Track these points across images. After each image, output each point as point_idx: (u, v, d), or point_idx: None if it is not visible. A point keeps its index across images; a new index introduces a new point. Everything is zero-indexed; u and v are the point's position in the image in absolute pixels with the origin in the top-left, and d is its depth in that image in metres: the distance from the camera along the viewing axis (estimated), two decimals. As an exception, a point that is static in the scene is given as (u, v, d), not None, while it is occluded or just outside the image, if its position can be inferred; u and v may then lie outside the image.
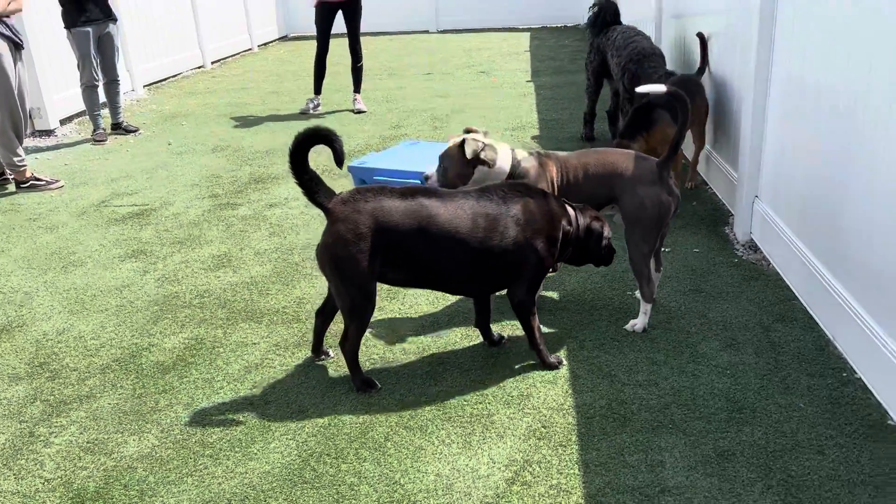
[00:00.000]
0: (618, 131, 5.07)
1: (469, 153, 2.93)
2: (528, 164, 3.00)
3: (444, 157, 3.05)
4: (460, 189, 2.84)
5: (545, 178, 2.97)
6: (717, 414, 2.56)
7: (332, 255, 2.59)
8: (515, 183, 2.85)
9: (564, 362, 2.88)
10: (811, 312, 3.15)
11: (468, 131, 3.07)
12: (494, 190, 2.76)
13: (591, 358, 2.95)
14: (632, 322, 3.12)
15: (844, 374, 2.75)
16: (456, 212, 2.65)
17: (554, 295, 3.49)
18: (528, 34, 13.73)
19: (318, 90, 7.74)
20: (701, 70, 4.72)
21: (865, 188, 2.68)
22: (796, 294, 3.32)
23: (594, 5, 5.74)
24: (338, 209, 2.59)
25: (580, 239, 2.81)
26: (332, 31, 7.43)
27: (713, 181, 4.62)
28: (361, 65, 7.69)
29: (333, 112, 7.72)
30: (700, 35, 4.74)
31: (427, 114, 7.40)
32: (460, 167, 2.99)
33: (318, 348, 2.99)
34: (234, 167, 5.92)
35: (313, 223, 4.49)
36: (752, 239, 3.93)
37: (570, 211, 2.81)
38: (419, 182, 3.93)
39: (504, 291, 2.83)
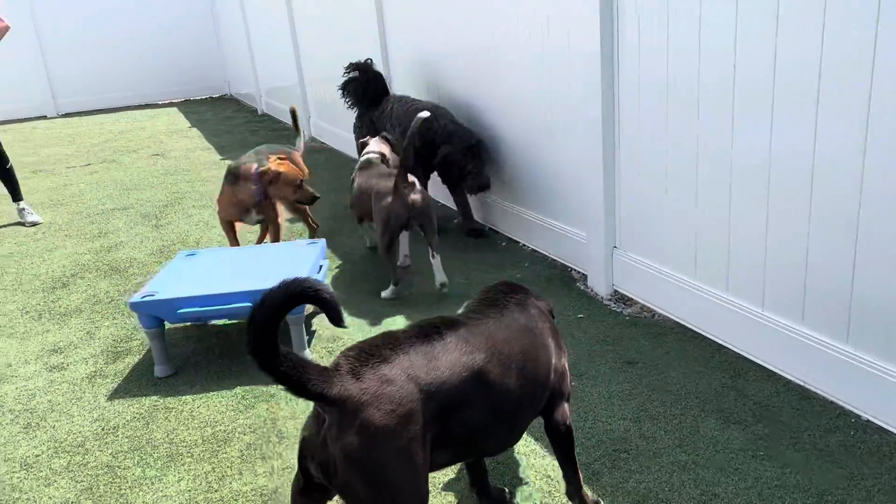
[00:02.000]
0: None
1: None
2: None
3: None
4: (470, 308, 2.06)
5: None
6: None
7: (369, 461, 1.61)
8: (507, 284, 2.18)
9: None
10: (735, 349, 3.01)
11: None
12: (502, 298, 2.06)
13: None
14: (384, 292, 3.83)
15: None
16: (501, 340, 1.90)
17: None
18: (174, 109, 12.48)
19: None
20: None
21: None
22: (701, 331, 3.16)
23: (353, 72, 5.12)
24: (354, 391, 1.63)
25: None
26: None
27: (546, 246, 4.35)
28: (11, 166, 5.96)
29: (-6, 230, 5.87)
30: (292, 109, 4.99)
31: (131, 213, 6.02)
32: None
33: None
34: None
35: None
36: (615, 290, 3.75)
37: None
38: (245, 308, 3.04)
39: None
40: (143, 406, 3.03)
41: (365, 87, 5.04)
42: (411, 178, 3.74)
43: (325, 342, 3.48)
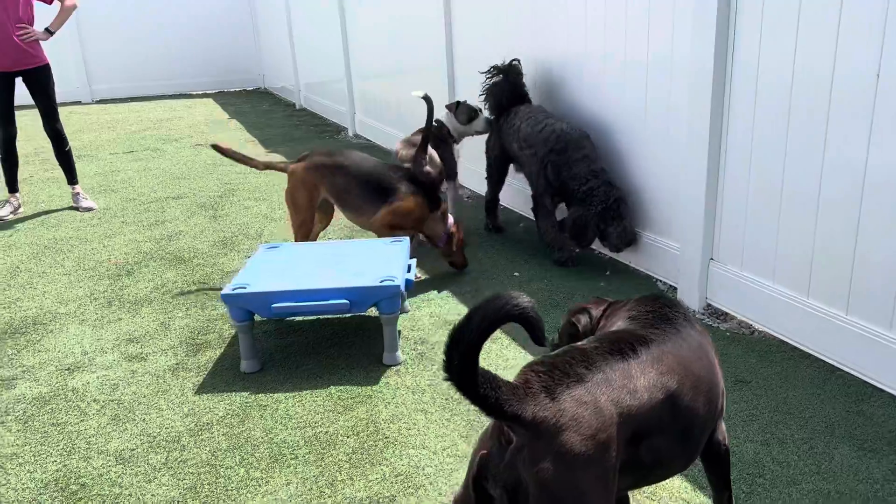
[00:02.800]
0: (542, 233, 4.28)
1: None
2: None
3: None
4: (638, 321, 1.90)
5: None
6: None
7: (567, 490, 1.46)
8: (662, 296, 2.04)
9: None
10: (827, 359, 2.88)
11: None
12: (670, 312, 1.91)
13: None
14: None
15: None
16: (688, 359, 1.76)
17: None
18: (209, 100, 12.41)
19: (12, 187, 5.75)
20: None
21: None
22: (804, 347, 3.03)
23: (496, 75, 4.45)
24: (551, 412, 1.49)
25: None
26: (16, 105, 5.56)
27: (630, 256, 4.22)
28: (70, 148, 5.90)
29: (44, 214, 5.78)
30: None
31: (185, 202, 5.92)
32: None
33: None
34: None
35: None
36: (709, 304, 3.62)
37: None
38: (342, 305, 2.98)
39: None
40: (235, 402, 2.92)
41: (495, 94, 4.46)
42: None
43: (412, 343, 3.36)
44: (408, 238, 3.71)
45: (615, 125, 4.10)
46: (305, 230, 3.98)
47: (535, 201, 4.25)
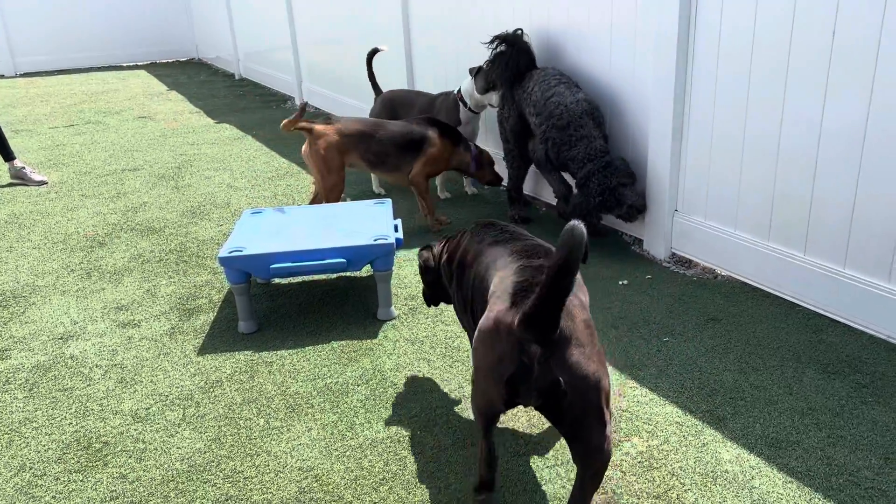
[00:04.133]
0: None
1: None
2: None
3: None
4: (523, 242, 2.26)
5: None
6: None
7: (591, 370, 1.81)
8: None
9: None
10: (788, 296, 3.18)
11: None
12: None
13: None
14: None
15: None
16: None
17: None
18: (143, 72, 12.07)
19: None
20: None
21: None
22: (761, 285, 3.32)
23: (497, 43, 4.25)
24: (565, 323, 1.79)
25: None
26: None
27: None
28: None
29: (-2, 188, 5.62)
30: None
31: (143, 174, 5.85)
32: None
33: None
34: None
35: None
36: (673, 253, 3.88)
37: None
38: (339, 264, 3.13)
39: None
40: (240, 361, 3.01)
41: (507, 63, 4.20)
42: None
43: (403, 299, 3.50)
44: (389, 200, 3.82)
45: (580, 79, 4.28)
46: (337, 192, 4.09)
47: (539, 159, 4.10)
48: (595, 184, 3.78)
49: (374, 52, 5.18)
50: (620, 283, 3.59)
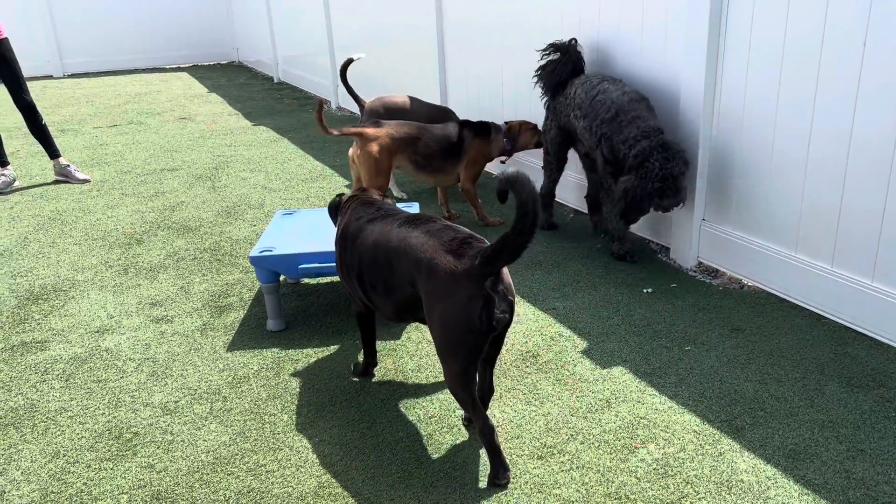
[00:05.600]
0: (600, 221, 4.26)
1: None
2: None
3: None
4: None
5: None
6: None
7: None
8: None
9: None
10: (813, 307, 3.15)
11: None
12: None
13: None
14: None
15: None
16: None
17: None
18: (184, 74, 12.33)
19: (2, 160, 5.76)
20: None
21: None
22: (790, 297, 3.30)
23: (550, 51, 4.13)
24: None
25: None
26: None
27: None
28: (45, 122, 5.85)
29: (40, 186, 5.82)
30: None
31: (181, 174, 6.00)
32: None
33: None
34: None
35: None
36: (700, 262, 3.87)
37: None
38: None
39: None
40: (267, 358, 3.08)
41: (554, 70, 4.08)
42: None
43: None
44: (416, 203, 3.88)
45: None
46: (383, 193, 4.18)
47: (600, 184, 3.91)
48: (656, 166, 3.40)
49: (349, 62, 5.13)
50: (645, 290, 3.60)
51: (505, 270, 2.20)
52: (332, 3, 8.40)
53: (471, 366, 2.19)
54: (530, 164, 5.07)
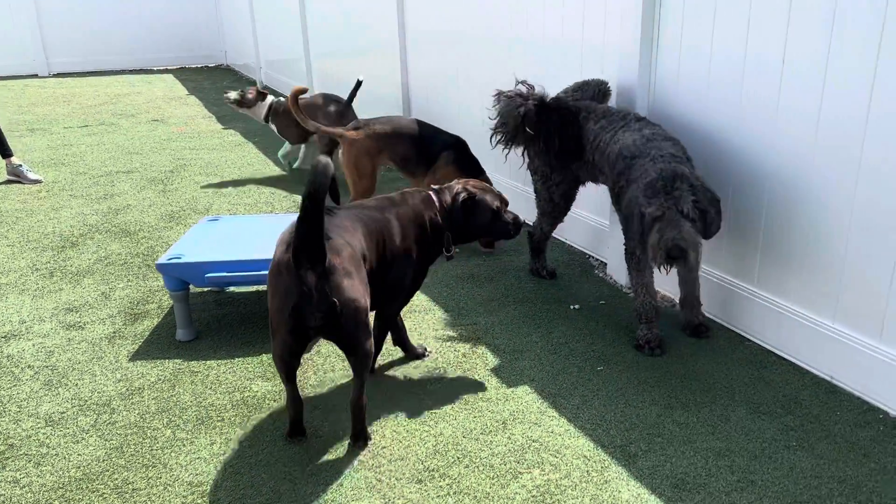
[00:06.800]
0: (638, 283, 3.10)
1: None
2: None
3: None
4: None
5: None
6: None
7: (355, 292, 2.48)
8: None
9: None
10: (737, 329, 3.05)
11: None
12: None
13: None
14: None
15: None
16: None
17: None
18: (170, 76, 12.30)
19: (5, 152, 5.70)
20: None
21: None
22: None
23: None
24: (333, 255, 2.23)
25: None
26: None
27: (566, 233, 4.35)
28: None
29: (-6, 185, 5.75)
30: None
31: (135, 177, 5.93)
32: None
33: None
34: None
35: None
36: (635, 280, 3.76)
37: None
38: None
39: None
40: (168, 369, 3.00)
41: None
42: None
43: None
44: (346, 212, 3.79)
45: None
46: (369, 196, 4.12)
47: (626, 250, 3.12)
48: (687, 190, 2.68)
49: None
50: (573, 307, 3.51)
51: (340, 268, 2.20)
52: (309, 9, 8.35)
53: (285, 352, 2.30)
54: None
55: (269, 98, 5.85)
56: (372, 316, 2.46)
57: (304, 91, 4.46)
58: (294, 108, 4.32)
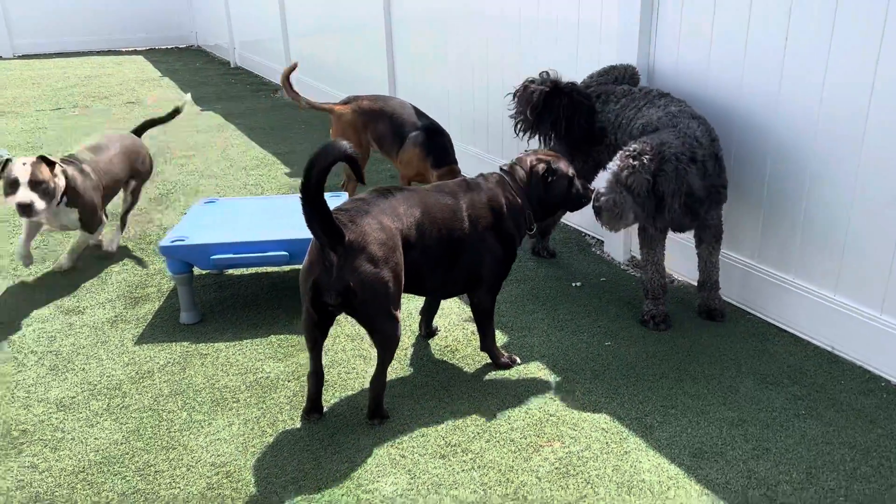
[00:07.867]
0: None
1: None
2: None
3: None
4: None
5: None
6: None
7: (378, 280, 2.27)
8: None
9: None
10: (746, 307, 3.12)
11: None
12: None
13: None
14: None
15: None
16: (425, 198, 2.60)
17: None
18: (140, 57, 12.06)
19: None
20: None
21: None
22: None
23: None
24: (359, 233, 2.27)
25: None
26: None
27: (566, 214, 4.37)
28: None
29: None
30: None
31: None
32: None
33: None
34: None
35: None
36: (633, 256, 3.82)
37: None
38: (281, 257, 3.10)
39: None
40: (175, 352, 2.97)
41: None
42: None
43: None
44: (346, 192, 3.78)
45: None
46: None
47: (638, 226, 3.13)
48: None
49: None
50: (574, 284, 3.55)
51: (364, 252, 2.21)
52: (285, -14, 8.23)
53: (308, 322, 2.35)
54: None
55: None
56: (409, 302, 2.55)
57: (294, 68, 4.42)
58: (285, 86, 4.30)
